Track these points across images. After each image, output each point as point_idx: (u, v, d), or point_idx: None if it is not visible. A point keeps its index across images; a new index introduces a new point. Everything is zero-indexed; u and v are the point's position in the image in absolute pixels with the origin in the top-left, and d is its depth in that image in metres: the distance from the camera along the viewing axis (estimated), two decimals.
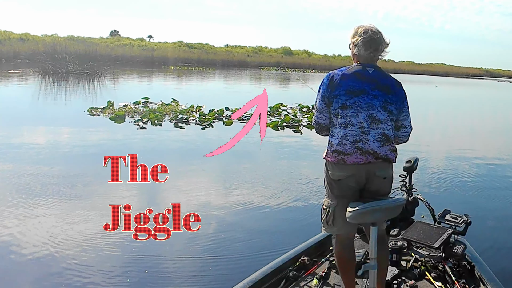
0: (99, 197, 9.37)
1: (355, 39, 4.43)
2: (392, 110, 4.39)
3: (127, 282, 6.22)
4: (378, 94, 4.33)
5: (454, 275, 5.26)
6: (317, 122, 4.63)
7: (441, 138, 21.00)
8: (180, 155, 13.38)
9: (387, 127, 4.37)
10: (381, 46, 4.45)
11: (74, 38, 75.19)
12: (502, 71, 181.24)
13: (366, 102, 4.30)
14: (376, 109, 4.31)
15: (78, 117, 19.23)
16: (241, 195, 9.87)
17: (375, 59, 4.49)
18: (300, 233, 7.45)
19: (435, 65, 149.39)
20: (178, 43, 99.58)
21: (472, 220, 5.98)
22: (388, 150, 4.36)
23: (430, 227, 6.06)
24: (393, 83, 4.46)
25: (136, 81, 43.74)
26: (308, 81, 55.25)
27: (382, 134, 4.32)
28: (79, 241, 7.22)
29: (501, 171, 13.80)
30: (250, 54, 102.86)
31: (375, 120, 4.30)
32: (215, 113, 21.13)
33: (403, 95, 4.50)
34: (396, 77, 4.56)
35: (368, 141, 4.28)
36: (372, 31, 4.41)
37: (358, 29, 4.45)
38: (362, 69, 4.40)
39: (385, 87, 4.38)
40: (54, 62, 41.78)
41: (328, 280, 5.23)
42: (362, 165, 4.32)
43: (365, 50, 4.40)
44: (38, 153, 12.67)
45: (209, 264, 6.84)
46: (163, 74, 55.54)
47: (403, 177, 6.80)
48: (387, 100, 4.35)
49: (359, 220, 4.27)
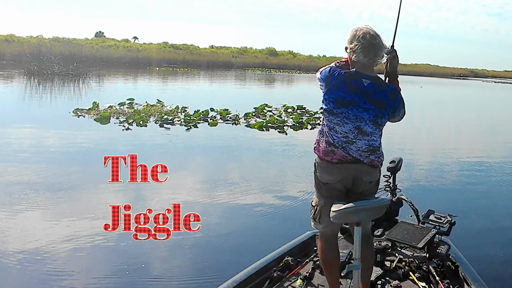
0: (83, 198, 9.36)
1: (353, 45, 4.24)
2: (383, 122, 4.35)
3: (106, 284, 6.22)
4: (369, 108, 4.23)
5: (438, 275, 5.25)
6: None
7: (426, 138, 21.09)
8: (164, 155, 13.35)
9: (374, 139, 4.33)
10: (381, 52, 4.28)
11: (59, 39, 74.67)
12: (487, 71, 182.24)
13: (355, 114, 4.22)
14: (364, 122, 4.24)
15: (63, 118, 19.14)
16: (225, 196, 9.86)
17: (374, 65, 4.34)
18: (284, 233, 7.41)
19: (420, 66, 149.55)
20: (163, 44, 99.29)
21: (456, 220, 5.99)
22: (374, 157, 4.35)
23: (414, 227, 6.07)
24: (387, 96, 4.30)
25: (121, 82, 43.55)
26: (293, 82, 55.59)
27: (368, 145, 4.29)
28: (69, 242, 7.20)
29: (485, 172, 13.85)
30: (235, 55, 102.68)
31: (362, 132, 4.25)
32: (200, 114, 21.13)
33: (396, 104, 4.37)
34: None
35: (352, 150, 4.26)
36: (371, 35, 4.21)
37: (356, 33, 4.25)
38: (358, 80, 4.22)
39: (378, 102, 4.25)
40: (40, 63, 41.47)
41: (312, 280, 5.21)
42: (348, 170, 4.32)
43: (365, 57, 4.21)
44: (22, 154, 12.61)
45: (193, 264, 6.86)
46: (148, 75, 55.36)
47: (387, 178, 6.79)
48: (378, 114, 4.26)
49: (342, 220, 4.29)
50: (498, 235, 8.79)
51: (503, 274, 7.06)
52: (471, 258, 5.95)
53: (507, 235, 8.78)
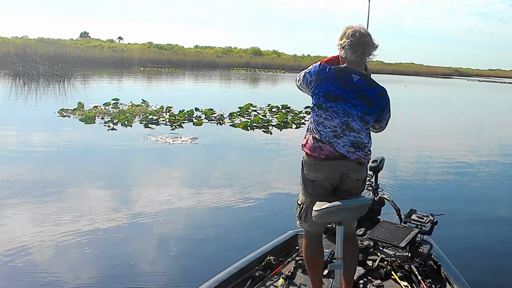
0: (67, 197, 9.34)
1: (342, 41, 4.31)
2: (370, 120, 4.37)
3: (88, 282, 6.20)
4: (357, 104, 4.27)
5: (420, 274, 5.28)
6: (297, 86, 4.74)
7: (409, 138, 21.09)
8: (148, 156, 13.33)
9: (361, 136, 4.35)
10: (369, 50, 4.34)
11: (44, 40, 74.26)
12: (471, 70, 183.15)
13: (343, 109, 4.25)
14: (352, 118, 4.27)
15: (49, 119, 19.05)
16: (209, 195, 9.87)
17: (363, 63, 4.40)
18: (267, 232, 7.45)
19: (405, 65, 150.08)
20: (148, 44, 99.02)
21: (438, 220, 6.01)
22: (360, 154, 4.36)
23: (396, 226, 6.06)
24: (376, 94, 4.37)
25: (106, 82, 43.36)
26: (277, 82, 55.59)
27: (354, 142, 4.31)
28: (53, 241, 7.18)
29: (468, 171, 13.90)
30: (220, 54, 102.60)
31: (349, 127, 4.28)
32: (185, 114, 21.12)
33: (384, 104, 4.44)
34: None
35: (339, 145, 4.27)
36: (361, 33, 4.29)
37: (346, 31, 4.33)
38: (347, 76, 4.28)
39: (367, 98, 4.31)
40: (25, 64, 41.14)
41: (294, 279, 5.21)
42: (336, 167, 4.32)
43: (352, 54, 4.28)
44: (7, 154, 12.57)
45: (175, 263, 6.86)
46: (133, 75, 55.14)
47: (369, 177, 6.78)
48: (366, 111, 4.31)
49: (324, 219, 4.24)
50: (480, 234, 8.82)
51: (485, 273, 7.10)
52: (453, 257, 5.97)
53: (489, 235, 8.82)
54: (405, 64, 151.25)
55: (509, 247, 8.29)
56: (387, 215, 6.96)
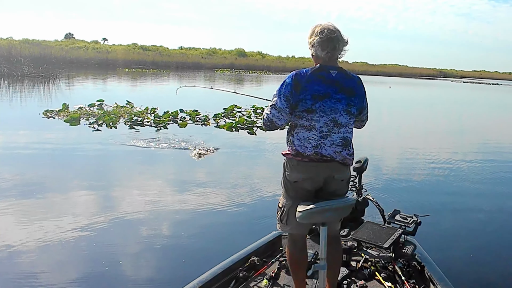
0: (51, 198, 9.31)
1: (311, 39, 4.34)
2: (354, 111, 4.38)
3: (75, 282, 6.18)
4: (341, 98, 4.29)
5: (404, 275, 5.29)
6: (271, 120, 4.46)
7: (393, 138, 21.16)
8: (133, 157, 13.30)
9: (348, 130, 4.37)
10: (339, 45, 4.34)
11: (29, 41, 73.93)
12: (455, 71, 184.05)
13: (330, 106, 4.25)
14: (339, 113, 4.28)
15: (34, 120, 18.97)
16: (193, 196, 9.87)
17: (334, 59, 4.39)
18: (250, 233, 7.46)
19: (389, 66, 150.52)
20: (133, 45, 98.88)
21: (422, 220, 6.02)
22: (346, 154, 4.35)
23: (380, 227, 6.07)
24: (355, 84, 4.41)
25: (91, 83, 43.18)
26: (262, 83, 55.51)
27: (342, 138, 4.31)
28: (36, 242, 7.13)
29: (451, 172, 13.92)
30: (204, 56, 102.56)
31: (337, 124, 4.28)
32: (169, 115, 21.06)
33: (363, 93, 4.49)
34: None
35: (325, 146, 4.25)
36: (329, 29, 4.29)
37: (315, 29, 4.35)
38: (326, 72, 4.30)
39: (348, 90, 4.33)
40: (9, 65, 41.00)
41: (278, 280, 5.21)
42: (320, 169, 4.30)
43: (322, 50, 4.30)
44: None
45: (159, 264, 6.84)
46: (117, 76, 54.95)
47: (353, 177, 6.78)
48: (350, 103, 4.33)
49: (308, 220, 4.23)
50: (463, 235, 8.84)
51: (469, 273, 7.10)
52: (437, 258, 5.97)
53: (473, 235, 8.85)
54: (389, 65, 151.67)
55: (493, 247, 8.31)
56: (371, 215, 6.97)
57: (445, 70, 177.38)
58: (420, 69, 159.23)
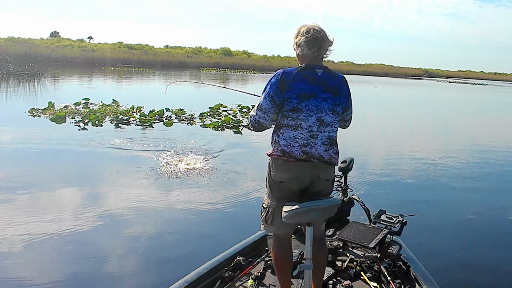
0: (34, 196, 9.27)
1: (297, 39, 4.34)
2: (339, 111, 4.37)
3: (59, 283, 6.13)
4: (327, 97, 4.28)
5: (390, 275, 5.27)
6: (257, 120, 4.44)
7: (379, 138, 21.14)
8: (119, 156, 13.24)
9: (334, 130, 4.36)
10: (325, 45, 4.34)
11: (14, 39, 73.56)
12: (441, 71, 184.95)
13: (316, 105, 4.23)
14: (324, 112, 4.27)
15: (19, 118, 18.90)
16: (178, 196, 9.82)
17: (320, 58, 4.39)
18: (236, 233, 7.42)
19: (374, 66, 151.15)
20: (118, 44, 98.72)
21: (408, 220, 6.02)
22: (332, 153, 4.33)
23: (365, 227, 6.06)
24: (340, 84, 4.40)
25: (77, 82, 42.95)
26: (247, 82, 55.46)
27: (328, 137, 4.30)
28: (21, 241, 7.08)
29: (437, 172, 13.94)
30: (190, 54, 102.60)
31: (323, 123, 4.27)
32: (155, 114, 21.02)
33: (348, 93, 4.47)
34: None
35: (316, 145, 4.24)
36: (315, 29, 4.30)
37: (300, 29, 4.35)
38: (312, 71, 4.29)
39: (334, 89, 4.32)
40: None
41: (263, 280, 5.18)
42: (306, 169, 4.27)
43: (309, 50, 4.29)
44: None
45: (144, 264, 6.78)
46: (103, 75, 54.79)
47: (339, 178, 6.77)
48: (335, 102, 4.32)
49: (294, 220, 4.21)
50: (449, 235, 8.84)
51: (454, 273, 7.12)
52: (422, 258, 5.96)
53: (458, 235, 8.85)
54: (375, 65, 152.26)
55: (478, 247, 8.33)
56: (356, 215, 6.96)
57: (431, 70, 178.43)
58: (405, 69, 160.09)
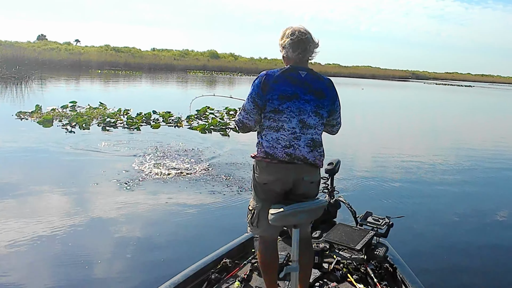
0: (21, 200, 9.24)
1: (282, 41, 4.34)
2: (323, 114, 4.35)
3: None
4: (310, 99, 4.26)
5: (376, 277, 5.27)
6: (242, 121, 4.50)
7: (366, 140, 21.15)
8: (105, 159, 13.21)
9: (317, 132, 4.34)
10: (310, 46, 4.34)
11: (1, 43, 72.94)
12: (428, 73, 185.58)
13: (298, 106, 4.22)
14: (307, 114, 4.25)
15: (6, 121, 18.82)
16: (165, 199, 9.78)
17: (305, 60, 4.39)
18: (222, 235, 7.41)
19: (362, 68, 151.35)
20: (105, 47, 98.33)
21: (394, 222, 6.03)
22: (317, 155, 4.33)
23: (352, 229, 6.06)
24: (325, 86, 4.36)
25: (64, 85, 42.81)
26: (234, 85, 55.47)
27: (311, 139, 4.28)
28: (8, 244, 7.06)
29: (422, 173, 13.96)
30: (177, 57, 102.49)
31: (306, 125, 4.25)
32: (142, 117, 21.02)
33: (334, 96, 4.42)
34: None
35: (300, 147, 4.23)
36: (300, 31, 4.30)
37: (286, 31, 4.35)
38: (295, 73, 4.28)
39: (318, 92, 4.29)
40: None
41: (250, 282, 5.18)
42: (290, 170, 4.26)
43: (293, 52, 4.30)
44: None
45: (131, 267, 6.78)
46: (90, 78, 54.61)
47: (325, 179, 6.77)
48: (319, 105, 4.29)
49: (281, 222, 4.21)
50: (436, 236, 8.84)
51: (441, 275, 7.12)
52: (409, 260, 5.94)
53: (445, 237, 8.85)
54: (362, 67, 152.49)
55: (465, 249, 8.35)
56: (343, 217, 6.97)
57: (418, 72, 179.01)
58: (393, 70, 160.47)
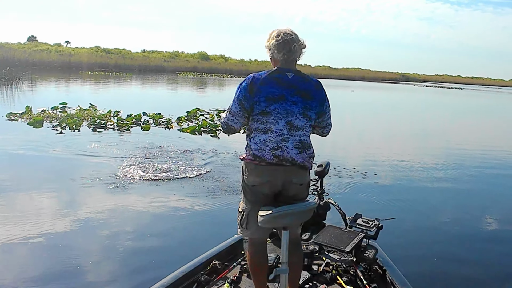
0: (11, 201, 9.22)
1: (268, 43, 4.37)
2: (311, 115, 4.35)
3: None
4: (297, 101, 4.26)
5: (366, 279, 5.27)
6: (227, 123, 4.54)
7: (355, 142, 21.10)
8: (94, 161, 13.18)
9: (305, 134, 4.34)
10: (294, 47, 4.32)
11: None
12: (418, 75, 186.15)
13: (285, 108, 4.23)
14: (294, 116, 4.25)
15: None
16: (153, 199, 9.78)
17: (291, 61, 4.38)
18: (212, 237, 7.41)
19: (352, 70, 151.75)
20: (95, 48, 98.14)
21: (384, 224, 6.04)
22: (306, 157, 4.32)
23: (341, 231, 6.04)
24: (312, 88, 4.36)
25: (54, 86, 42.67)
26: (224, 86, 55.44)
27: (299, 141, 4.28)
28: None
29: (412, 175, 13.93)
30: (167, 59, 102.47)
31: (293, 127, 4.25)
32: (133, 118, 20.98)
33: (323, 97, 4.42)
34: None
35: (288, 148, 4.23)
36: (285, 33, 4.32)
37: (272, 33, 4.38)
38: (282, 75, 4.29)
39: (305, 93, 4.29)
40: None
41: (239, 284, 5.19)
42: (278, 172, 4.26)
43: (278, 53, 4.31)
44: None
45: (120, 268, 6.75)
46: (80, 79, 54.43)
47: (315, 181, 6.74)
48: (307, 106, 4.30)
49: (270, 224, 4.22)
50: (425, 238, 8.82)
51: (430, 277, 7.13)
52: (399, 262, 5.93)
53: (434, 239, 8.83)
54: (352, 69, 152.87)
55: (454, 251, 8.34)
56: (332, 219, 6.97)
57: (408, 74, 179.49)
58: (383, 73, 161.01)
